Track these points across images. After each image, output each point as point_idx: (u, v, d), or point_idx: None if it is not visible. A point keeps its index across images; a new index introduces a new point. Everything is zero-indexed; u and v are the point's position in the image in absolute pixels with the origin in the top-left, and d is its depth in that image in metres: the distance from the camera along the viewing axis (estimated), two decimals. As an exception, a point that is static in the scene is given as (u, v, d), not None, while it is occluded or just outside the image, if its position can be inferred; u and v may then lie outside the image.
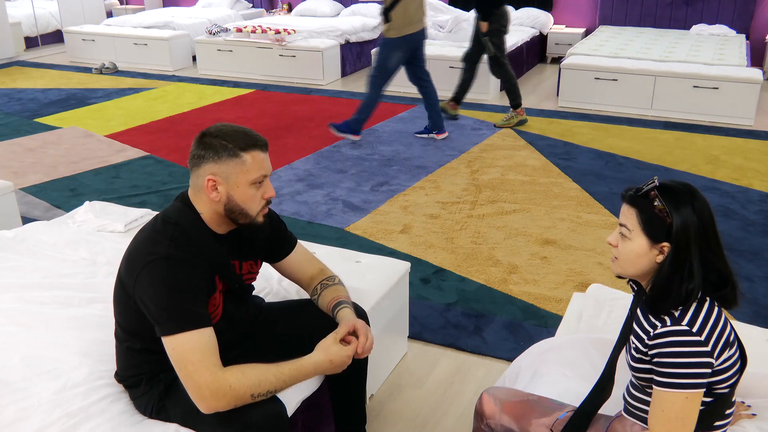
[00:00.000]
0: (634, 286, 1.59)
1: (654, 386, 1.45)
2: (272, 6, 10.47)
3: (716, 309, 1.45)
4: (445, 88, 6.94)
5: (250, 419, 1.59)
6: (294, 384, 1.73)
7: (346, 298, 1.97)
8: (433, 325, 2.98)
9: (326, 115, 6.28)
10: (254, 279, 1.95)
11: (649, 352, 1.45)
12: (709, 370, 1.40)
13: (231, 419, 1.60)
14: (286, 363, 1.71)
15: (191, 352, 1.58)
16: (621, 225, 1.50)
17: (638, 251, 1.46)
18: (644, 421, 1.55)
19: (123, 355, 1.79)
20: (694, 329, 1.40)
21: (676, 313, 1.43)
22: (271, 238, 1.94)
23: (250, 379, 1.61)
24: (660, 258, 1.45)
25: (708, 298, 1.45)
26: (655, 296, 1.45)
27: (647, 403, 1.52)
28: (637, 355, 1.49)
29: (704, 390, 1.42)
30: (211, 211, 1.73)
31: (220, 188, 1.68)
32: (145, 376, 1.76)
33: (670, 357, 1.40)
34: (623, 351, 1.61)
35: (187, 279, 1.62)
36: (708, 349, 1.39)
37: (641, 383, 1.53)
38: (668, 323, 1.42)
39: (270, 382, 1.64)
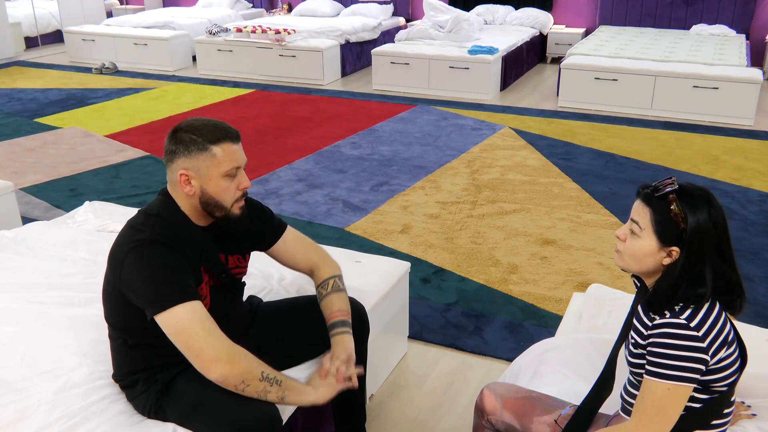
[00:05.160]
0: (637, 282, 1.59)
1: (644, 375, 1.44)
2: (272, 6, 10.47)
3: (717, 307, 1.44)
4: (444, 88, 6.97)
5: (244, 421, 1.58)
6: (287, 392, 1.68)
7: (341, 315, 1.92)
8: (433, 325, 2.98)
9: (326, 115, 6.29)
10: (244, 273, 1.94)
11: (645, 343, 1.45)
12: (701, 367, 1.39)
13: (225, 421, 1.59)
14: (287, 375, 1.72)
15: (195, 320, 1.59)
16: (632, 221, 1.47)
17: (646, 251, 1.45)
18: None
19: (117, 353, 1.79)
20: (693, 324, 1.39)
21: (677, 308, 1.42)
22: (253, 228, 1.91)
23: (259, 360, 1.63)
24: (667, 261, 1.44)
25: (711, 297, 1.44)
26: (658, 299, 1.44)
27: None
28: (635, 351, 1.49)
29: (692, 387, 1.40)
30: (189, 205, 1.74)
31: (194, 182, 1.69)
32: (141, 375, 1.76)
33: (662, 348, 1.40)
34: (623, 347, 1.61)
35: (173, 258, 1.63)
36: (703, 345, 1.38)
37: (638, 379, 1.52)
38: (667, 316, 1.42)
39: (275, 374, 1.65)
